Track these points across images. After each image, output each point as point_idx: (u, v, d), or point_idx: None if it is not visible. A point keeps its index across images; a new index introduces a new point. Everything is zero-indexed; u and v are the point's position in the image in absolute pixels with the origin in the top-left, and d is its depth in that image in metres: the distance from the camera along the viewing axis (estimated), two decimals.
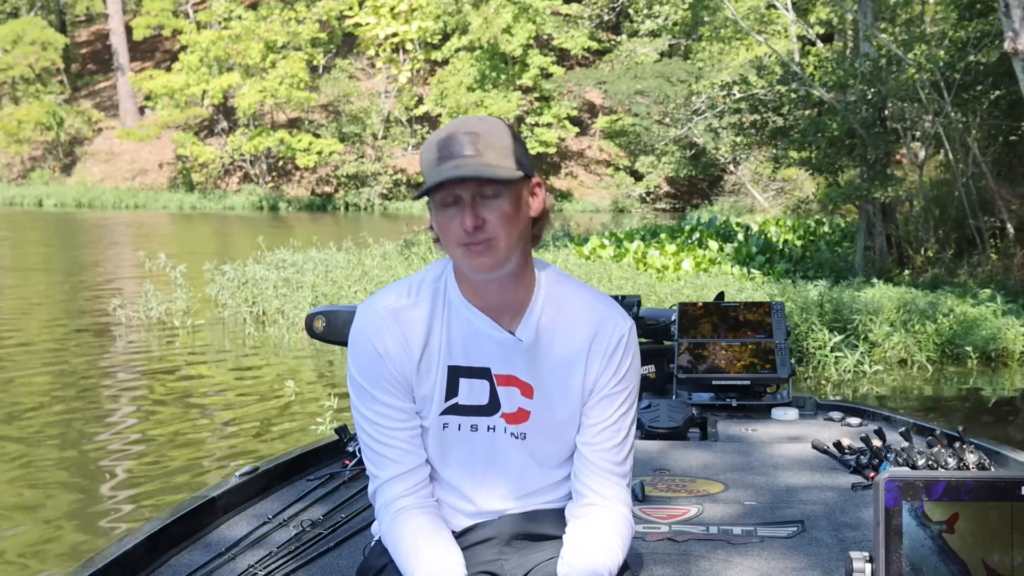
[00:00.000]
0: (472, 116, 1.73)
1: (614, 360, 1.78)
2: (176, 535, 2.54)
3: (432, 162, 1.66)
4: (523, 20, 35.43)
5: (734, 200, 29.15)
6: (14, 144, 39.16)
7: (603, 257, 13.88)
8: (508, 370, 1.77)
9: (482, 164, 1.63)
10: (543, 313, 1.77)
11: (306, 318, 3.26)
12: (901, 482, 1.26)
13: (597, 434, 1.80)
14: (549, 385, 1.78)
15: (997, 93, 12.56)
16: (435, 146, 1.67)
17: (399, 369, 1.77)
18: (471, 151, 1.64)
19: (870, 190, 12.59)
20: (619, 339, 1.78)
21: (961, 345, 8.69)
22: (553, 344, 1.77)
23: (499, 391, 1.78)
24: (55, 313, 12.15)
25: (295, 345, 9.80)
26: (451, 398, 1.78)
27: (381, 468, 1.81)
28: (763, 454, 3.54)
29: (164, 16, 42.02)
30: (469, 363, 1.77)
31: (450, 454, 1.82)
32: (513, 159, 1.67)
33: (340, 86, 38.22)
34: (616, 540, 1.77)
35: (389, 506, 1.80)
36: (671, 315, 4.43)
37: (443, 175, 1.62)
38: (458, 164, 1.63)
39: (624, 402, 1.81)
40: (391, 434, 1.79)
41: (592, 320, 1.78)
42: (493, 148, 1.66)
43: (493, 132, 1.67)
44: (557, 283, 1.81)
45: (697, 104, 18.01)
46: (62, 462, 5.89)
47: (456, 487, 1.84)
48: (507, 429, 1.79)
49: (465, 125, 1.68)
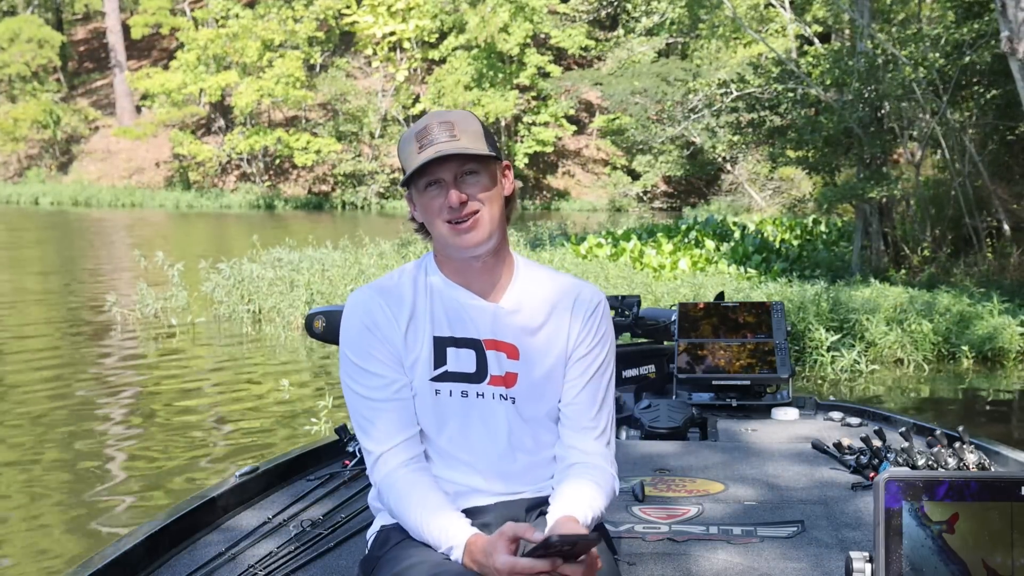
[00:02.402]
0: (443, 110, 1.86)
1: (592, 321, 1.92)
2: (176, 535, 2.54)
3: (412, 152, 1.80)
4: (520, 19, 35.39)
5: (731, 199, 29.16)
6: (10, 142, 39.09)
7: (600, 256, 13.89)
8: (494, 335, 1.87)
9: (460, 145, 1.78)
10: (524, 286, 1.91)
11: (306, 318, 3.27)
12: (901, 482, 1.26)
13: (577, 393, 1.90)
14: (533, 345, 1.88)
15: (994, 93, 12.57)
16: (413, 137, 1.82)
17: (388, 338, 1.85)
18: (448, 136, 1.79)
19: (866, 189, 12.60)
20: (596, 304, 1.93)
21: (957, 344, 8.71)
22: (536, 309, 1.90)
23: (488, 355, 1.87)
24: (51, 312, 12.13)
25: (291, 344, 9.80)
26: (440, 366, 1.86)
27: (376, 442, 1.86)
28: (763, 454, 3.55)
29: (161, 14, 41.94)
30: (454, 333, 1.87)
31: (443, 421, 1.87)
32: (485, 142, 1.82)
33: (337, 85, 38.17)
34: (595, 488, 1.84)
35: (389, 475, 1.84)
36: (671, 315, 4.44)
37: (427, 156, 1.76)
38: (438, 148, 1.77)
39: (602, 363, 1.92)
40: (383, 406, 1.85)
41: (571, 288, 1.93)
42: (467, 132, 1.81)
43: (465, 120, 1.83)
44: (532, 265, 1.97)
45: (694, 103, 17.98)
46: (58, 461, 5.88)
47: (452, 455, 1.88)
48: (495, 393, 1.87)
49: (439, 116, 1.82)
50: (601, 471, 1.88)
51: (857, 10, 13.73)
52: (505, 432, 1.88)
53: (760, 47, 21.71)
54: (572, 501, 1.79)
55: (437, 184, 1.80)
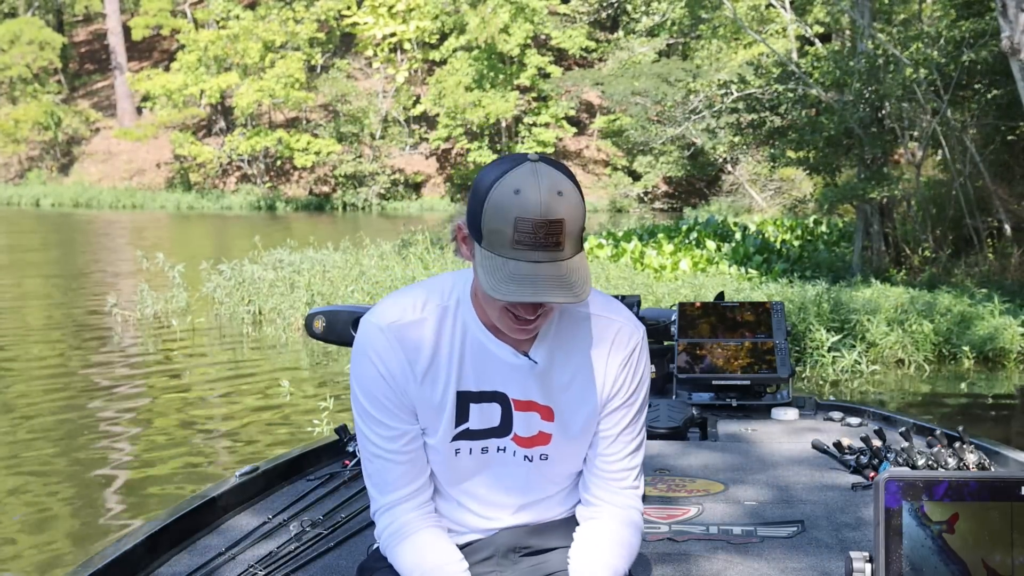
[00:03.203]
0: (553, 184, 1.51)
1: (628, 371, 1.74)
2: (176, 535, 2.54)
3: (507, 239, 1.50)
4: (521, 20, 35.38)
5: (732, 200, 29.16)
6: (11, 144, 39.09)
7: (600, 257, 13.89)
8: (526, 395, 1.71)
9: (564, 282, 1.51)
10: (557, 332, 1.71)
11: (306, 318, 3.26)
12: (901, 482, 1.26)
13: (610, 444, 1.77)
14: (567, 402, 1.73)
15: (995, 92, 12.56)
16: (512, 213, 1.50)
17: (402, 389, 1.70)
18: (553, 243, 1.50)
19: (867, 190, 12.60)
20: (633, 348, 1.74)
21: (958, 345, 8.70)
22: (568, 363, 1.72)
23: (516, 416, 1.72)
24: (52, 313, 12.13)
25: (292, 344, 9.80)
26: (462, 424, 1.72)
27: (381, 492, 1.76)
28: (763, 454, 3.55)
29: (162, 16, 41.95)
30: (480, 388, 1.71)
31: (459, 475, 1.78)
32: (582, 241, 1.56)
33: (338, 86, 38.17)
34: (624, 545, 1.76)
35: (393, 534, 1.75)
36: (671, 315, 4.44)
37: (520, 297, 1.49)
38: (537, 260, 1.50)
39: (637, 411, 1.78)
40: (391, 456, 1.73)
41: (607, 332, 1.73)
42: (571, 236, 1.52)
43: (574, 215, 1.52)
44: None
45: (695, 103, 17.98)
46: (58, 462, 5.88)
47: (462, 503, 1.81)
48: (518, 451, 1.75)
49: (549, 208, 1.49)
50: (627, 524, 1.78)
51: (857, 10, 13.73)
52: (523, 486, 1.79)
53: (761, 48, 21.70)
54: (592, 571, 1.72)
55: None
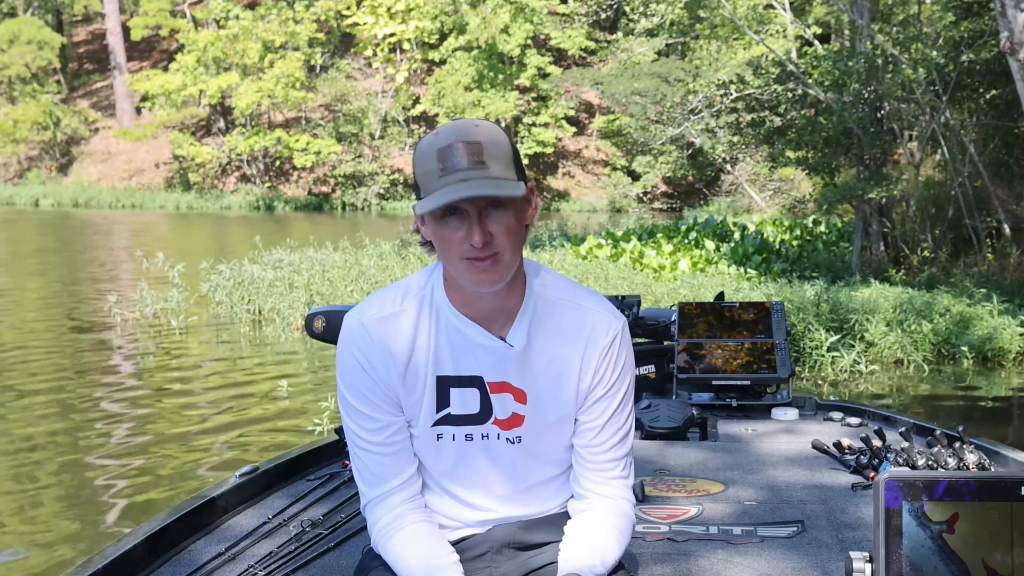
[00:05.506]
0: (468, 120, 1.65)
1: (607, 361, 1.75)
2: (175, 535, 2.54)
3: (433, 172, 1.59)
4: (520, 20, 35.42)
5: (731, 200, 29.18)
6: (10, 144, 39.11)
7: (600, 257, 13.89)
8: (500, 377, 1.73)
9: (490, 179, 1.58)
10: (534, 317, 1.73)
11: (306, 318, 3.27)
12: (901, 482, 1.26)
13: (595, 435, 1.77)
14: (542, 389, 1.75)
15: (994, 92, 12.57)
16: (434, 154, 1.59)
17: (384, 381, 1.72)
18: (475, 163, 1.58)
19: (866, 190, 12.60)
20: (612, 339, 1.75)
21: (957, 345, 8.70)
22: (545, 348, 1.74)
23: (492, 398, 1.74)
24: (51, 313, 12.12)
25: (292, 344, 9.79)
26: (443, 408, 1.74)
27: (369, 485, 1.78)
28: (763, 454, 3.55)
29: (162, 16, 41.95)
30: (459, 372, 1.73)
31: (445, 464, 1.79)
32: (515, 169, 1.62)
33: (337, 86, 38.19)
34: (614, 533, 1.77)
35: (383, 528, 1.76)
36: (671, 315, 4.44)
37: (457, 194, 1.55)
38: (465, 177, 1.57)
39: (620, 401, 1.78)
40: (379, 448, 1.75)
41: (584, 323, 1.75)
42: (496, 159, 1.60)
43: (495, 142, 1.61)
44: (547, 285, 1.77)
45: (694, 103, 18.01)
46: (57, 461, 5.88)
47: (452, 493, 1.82)
48: (500, 435, 1.76)
49: (465, 133, 1.60)
50: (618, 513, 1.79)
51: (857, 11, 13.73)
52: (511, 471, 1.79)
53: (760, 48, 21.71)
54: (582, 557, 1.72)
55: (458, 216, 1.59)
